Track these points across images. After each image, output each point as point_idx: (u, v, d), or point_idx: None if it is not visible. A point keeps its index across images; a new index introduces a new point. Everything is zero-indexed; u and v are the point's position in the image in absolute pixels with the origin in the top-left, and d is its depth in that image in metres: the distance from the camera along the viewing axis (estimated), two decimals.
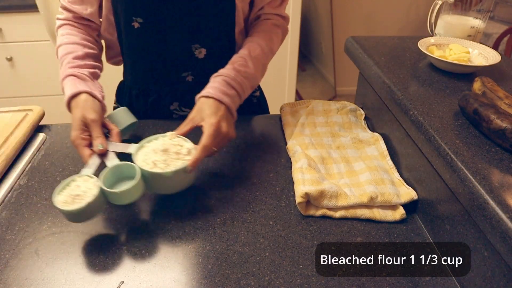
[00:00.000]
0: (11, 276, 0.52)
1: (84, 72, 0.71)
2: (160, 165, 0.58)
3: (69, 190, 0.56)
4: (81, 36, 0.77)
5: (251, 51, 0.75)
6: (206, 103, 0.66)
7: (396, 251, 0.56)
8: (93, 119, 0.63)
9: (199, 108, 0.66)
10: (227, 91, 0.69)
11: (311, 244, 0.57)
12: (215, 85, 0.69)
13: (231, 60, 0.74)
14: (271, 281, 0.52)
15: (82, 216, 0.54)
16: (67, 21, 0.79)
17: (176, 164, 0.59)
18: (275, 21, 0.82)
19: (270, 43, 0.79)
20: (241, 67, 0.73)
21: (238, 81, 0.71)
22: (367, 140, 0.77)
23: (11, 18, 1.81)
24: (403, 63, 0.80)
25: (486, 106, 0.56)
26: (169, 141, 0.62)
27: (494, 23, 2.27)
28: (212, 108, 0.65)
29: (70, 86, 0.68)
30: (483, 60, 0.75)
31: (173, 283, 0.51)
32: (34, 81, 2.00)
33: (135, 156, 0.61)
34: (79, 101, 0.66)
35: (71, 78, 0.70)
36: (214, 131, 0.62)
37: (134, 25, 0.74)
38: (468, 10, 0.88)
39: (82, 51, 0.74)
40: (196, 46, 0.77)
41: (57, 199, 0.54)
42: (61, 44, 0.76)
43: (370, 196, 0.62)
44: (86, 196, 0.54)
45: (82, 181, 0.57)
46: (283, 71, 2.02)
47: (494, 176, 0.47)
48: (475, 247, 0.49)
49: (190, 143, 0.62)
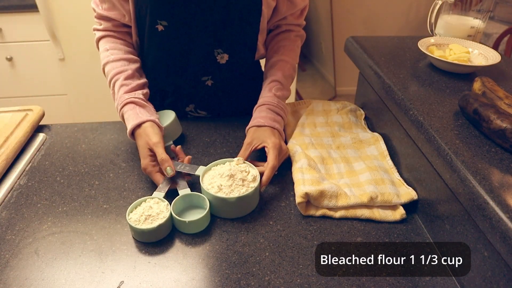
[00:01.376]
0: (11, 276, 0.52)
1: (140, 97, 0.73)
2: (225, 190, 0.60)
3: (141, 209, 0.59)
4: (124, 49, 0.77)
5: (284, 72, 0.79)
6: (261, 130, 0.71)
7: (396, 251, 0.56)
8: (155, 142, 0.65)
9: (255, 135, 0.71)
10: (275, 118, 0.74)
11: (311, 244, 0.57)
12: (262, 114, 0.74)
13: (269, 85, 0.78)
14: (271, 281, 0.51)
15: (150, 236, 0.57)
16: (107, 32, 0.78)
17: (241, 190, 0.61)
18: (296, 32, 0.84)
19: (296, 58, 0.84)
20: (279, 91, 0.77)
21: (280, 106, 0.76)
22: (367, 140, 0.77)
23: (11, 18, 1.81)
24: (403, 63, 0.80)
25: (486, 106, 0.56)
26: (236, 167, 0.64)
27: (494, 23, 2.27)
28: (268, 132, 0.71)
29: (133, 116, 0.69)
30: (483, 60, 0.75)
31: (173, 283, 0.51)
32: (34, 81, 2.00)
33: (202, 178, 0.63)
34: (142, 130, 0.68)
35: (131, 106, 0.71)
36: (278, 151, 0.68)
37: (158, 28, 0.73)
38: (468, 10, 0.87)
39: (131, 69, 0.75)
40: (219, 51, 0.77)
41: (130, 217, 0.57)
42: (108, 62, 0.76)
43: (370, 196, 0.62)
44: (158, 218, 0.57)
45: (153, 202, 0.60)
46: None
47: (494, 176, 0.47)
48: (475, 247, 0.49)
49: (256, 169, 0.65)
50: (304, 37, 0.87)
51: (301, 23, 0.85)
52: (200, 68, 0.80)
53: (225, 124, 0.86)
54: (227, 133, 0.83)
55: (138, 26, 0.76)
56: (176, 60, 0.79)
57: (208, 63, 0.79)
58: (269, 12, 0.77)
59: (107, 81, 0.76)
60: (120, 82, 0.73)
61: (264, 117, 0.73)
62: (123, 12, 0.75)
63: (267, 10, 0.76)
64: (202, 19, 0.73)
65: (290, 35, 0.83)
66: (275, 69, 0.79)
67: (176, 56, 0.78)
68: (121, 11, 0.75)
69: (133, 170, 0.72)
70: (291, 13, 0.80)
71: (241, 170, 0.63)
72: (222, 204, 0.60)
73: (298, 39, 0.85)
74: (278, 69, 0.79)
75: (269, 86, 0.78)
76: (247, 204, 0.62)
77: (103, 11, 0.76)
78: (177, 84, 0.83)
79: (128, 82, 0.73)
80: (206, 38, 0.75)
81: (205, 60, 0.78)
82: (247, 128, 0.74)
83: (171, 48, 0.77)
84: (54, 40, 1.78)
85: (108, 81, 0.75)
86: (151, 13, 0.72)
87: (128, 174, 0.71)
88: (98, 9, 0.77)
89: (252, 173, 0.64)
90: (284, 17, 0.80)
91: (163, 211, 0.58)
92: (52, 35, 1.76)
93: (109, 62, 0.75)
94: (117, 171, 0.72)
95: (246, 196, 0.60)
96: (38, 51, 1.91)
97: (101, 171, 0.72)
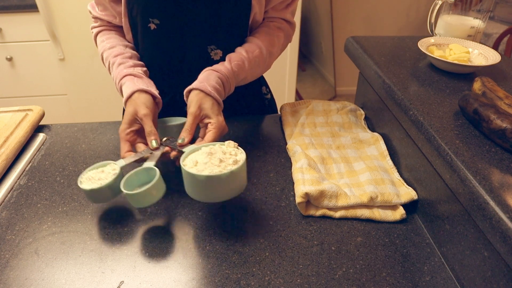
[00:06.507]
0: (11, 276, 0.52)
1: (139, 71, 0.73)
2: (199, 167, 0.55)
3: (96, 171, 0.60)
4: (120, 38, 0.79)
5: (249, 53, 0.75)
6: (207, 101, 0.66)
7: (396, 251, 0.57)
8: (145, 114, 0.63)
9: (202, 106, 0.65)
10: (221, 91, 0.69)
11: (311, 244, 0.57)
12: (211, 82, 0.68)
13: (231, 57, 0.73)
14: (271, 281, 0.52)
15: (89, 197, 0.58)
16: (102, 27, 0.80)
17: (214, 170, 0.54)
18: (278, 23, 0.81)
19: (270, 47, 0.78)
20: (237, 68, 0.73)
21: (230, 82, 0.72)
22: (367, 140, 0.77)
23: (11, 18, 1.81)
24: (403, 63, 0.80)
25: (486, 106, 0.56)
26: (222, 147, 0.59)
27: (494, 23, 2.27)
28: (215, 106, 0.66)
29: (129, 85, 0.68)
30: (483, 60, 0.75)
31: (173, 283, 0.51)
32: (34, 81, 2.00)
33: (186, 154, 0.59)
34: (134, 98, 0.66)
35: (129, 77, 0.70)
36: (220, 132, 0.64)
37: (151, 26, 0.74)
38: (468, 10, 0.87)
39: (128, 52, 0.76)
40: (213, 47, 0.77)
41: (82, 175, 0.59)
42: (104, 49, 0.77)
43: (370, 196, 0.62)
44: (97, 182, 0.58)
45: (111, 169, 0.60)
46: (283, 71, 2.02)
47: (494, 176, 0.47)
48: (475, 247, 0.49)
49: (244, 155, 0.57)
50: (289, 35, 0.84)
51: (285, 17, 0.81)
52: (195, 66, 0.79)
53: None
54: (228, 133, 0.83)
55: (131, 25, 0.77)
56: (170, 59, 0.79)
57: (202, 60, 0.78)
58: (260, 7, 0.76)
59: (106, 67, 0.76)
60: (118, 61, 0.73)
61: (212, 86, 0.67)
62: (114, 14, 0.77)
63: (258, 5, 0.75)
64: (193, 16, 0.73)
65: (269, 24, 0.81)
66: (242, 48, 0.76)
67: (170, 55, 0.78)
68: (112, 12, 0.77)
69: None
70: (272, 6, 0.78)
71: (225, 152, 0.58)
72: (191, 181, 0.55)
73: (280, 31, 0.81)
74: (244, 49, 0.75)
75: (231, 58, 0.73)
76: (219, 188, 0.54)
77: (98, 13, 0.79)
78: (173, 83, 0.83)
79: (126, 60, 0.74)
80: (199, 34, 0.75)
81: (199, 57, 0.78)
82: (188, 88, 0.67)
83: (165, 46, 0.77)
84: (54, 40, 1.78)
85: (107, 66, 0.76)
86: (143, 12, 0.73)
87: None
88: (93, 11, 0.80)
89: (237, 158, 0.57)
90: (266, 10, 0.79)
91: (107, 178, 0.57)
92: (52, 35, 1.76)
93: (106, 49, 0.77)
94: None
95: (216, 177, 0.53)
96: (38, 51, 1.91)
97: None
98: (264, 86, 0.97)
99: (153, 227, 0.60)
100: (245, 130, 0.85)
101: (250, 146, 0.79)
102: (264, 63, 0.79)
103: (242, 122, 0.87)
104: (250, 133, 0.84)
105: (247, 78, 0.77)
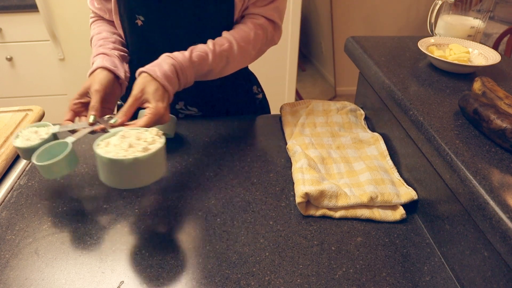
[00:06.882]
0: (11, 276, 0.52)
1: (114, 53, 0.74)
2: (109, 148, 0.52)
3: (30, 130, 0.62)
4: (110, 27, 0.83)
5: (216, 45, 0.72)
6: (152, 85, 0.63)
7: (396, 251, 0.57)
8: (96, 89, 0.64)
9: (146, 89, 0.63)
10: (172, 78, 0.66)
11: (311, 244, 0.57)
12: (163, 67, 0.66)
13: (194, 48, 0.70)
14: (271, 281, 0.52)
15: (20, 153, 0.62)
16: (97, 17, 0.85)
17: (119, 153, 0.51)
18: (257, 20, 0.77)
19: (242, 42, 0.74)
20: (198, 59, 0.69)
21: (186, 72, 0.68)
22: (367, 140, 0.77)
23: (11, 18, 1.81)
24: (403, 63, 0.80)
25: (486, 106, 0.56)
26: (144, 133, 0.56)
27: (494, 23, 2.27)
28: (159, 92, 0.63)
29: (97, 63, 0.70)
30: (483, 60, 0.75)
31: (173, 283, 0.51)
32: (34, 81, 2.00)
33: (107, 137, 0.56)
34: (95, 74, 0.67)
35: (101, 55, 0.72)
36: (156, 119, 0.61)
37: (138, 22, 0.75)
38: (468, 10, 0.87)
39: (113, 38, 0.79)
40: None
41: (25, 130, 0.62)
42: (93, 35, 0.81)
43: (370, 196, 0.62)
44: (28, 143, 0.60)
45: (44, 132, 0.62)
46: (283, 71, 2.02)
47: (494, 176, 0.47)
48: (475, 247, 0.49)
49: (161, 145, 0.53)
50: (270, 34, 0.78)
51: (265, 14, 0.76)
52: None
53: (225, 124, 0.86)
54: (227, 133, 0.83)
55: (121, 22, 0.79)
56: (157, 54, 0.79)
57: None
58: (244, 3, 0.75)
59: None
60: (100, 43, 0.77)
61: (163, 71, 0.65)
62: (105, 9, 0.80)
63: (240, 2, 0.74)
64: (177, 12, 0.74)
65: (248, 20, 0.77)
66: (211, 41, 0.72)
67: (158, 51, 0.78)
68: (103, 8, 0.80)
69: None
70: (253, 2, 0.76)
71: (141, 138, 0.54)
72: (98, 162, 0.52)
73: (259, 28, 0.76)
74: (212, 42, 0.72)
75: (194, 48, 0.70)
76: (122, 173, 0.51)
77: (93, 7, 0.84)
78: None
79: (107, 43, 0.77)
80: (183, 31, 0.75)
81: None
82: (139, 71, 0.66)
83: (152, 43, 0.78)
84: (54, 40, 1.78)
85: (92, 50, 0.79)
86: (128, 8, 0.75)
87: None
88: (91, 5, 0.84)
89: (149, 146, 0.53)
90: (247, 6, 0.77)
91: (35, 140, 0.60)
92: (52, 35, 1.76)
93: (94, 34, 0.80)
94: None
95: (119, 162, 0.49)
96: (38, 51, 1.91)
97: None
98: (256, 86, 0.96)
99: (153, 227, 0.60)
100: (245, 130, 0.85)
101: (250, 146, 0.79)
102: (234, 59, 0.74)
103: (242, 122, 0.87)
104: (250, 133, 0.84)
105: (214, 71, 0.73)
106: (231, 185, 0.68)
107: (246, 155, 0.76)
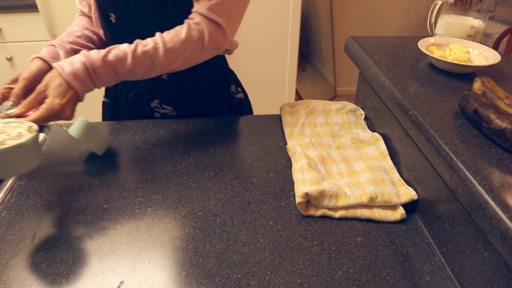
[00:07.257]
0: (11, 276, 0.52)
1: (66, 46, 0.77)
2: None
3: None
4: (87, 24, 0.85)
5: (139, 45, 0.69)
6: (56, 81, 0.63)
7: (396, 251, 0.57)
8: (23, 77, 0.67)
9: (48, 83, 0.63)
10: (82, 76, 0.64)
11: (311, 244, 0.57)
12: (75, 66, 0.64)
13: (113, 47, 0.68)
14: (271, 281, 0.52)
15: None
16: (81, 13, 0.89)
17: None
18: (195, 19, 0.71)
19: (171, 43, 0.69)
20: (115, 58, 0.67)
21: (98, 71, 0.66)
22: (367, 140, 0.77)
23: (11, 18, 1.81)
24: (403, 63, 0.80)
25: (486, 106, 0.56)
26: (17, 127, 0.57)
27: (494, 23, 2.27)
28: (61, 88, 0.63)
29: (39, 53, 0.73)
30: (483, 60, 0.75)
31: (173, 283, 0.51)
32: None
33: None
34: (31, 63, 0.71)
35: (48, 47, 0.76)
36: (49, 115, 0.62)
37: (111, 19, 0.77)
38: (468, 10, 0.87)
39: (81, 32, 0.82)
40: None
41: None
42: (68, 28, 0.84)
43: (370, 196, 0.62)
44: None
45: None
46: (283, 71, 2.02)
47: (494, 176, 0.47)
48: (475, 247, 0.49)
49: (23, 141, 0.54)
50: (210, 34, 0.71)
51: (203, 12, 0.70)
52: None
53: (224, 124, 0.86)
54: (227, 133, 0.83)
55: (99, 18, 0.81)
56: None
57: None
58: None
59: None
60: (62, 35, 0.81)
61: (72, 69, 0.63)
62: (86, 5, 0.85)
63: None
64: (142, 9, 0.75)
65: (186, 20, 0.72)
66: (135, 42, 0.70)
67: None
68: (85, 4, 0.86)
69: (133, 170, 0.72)
70: None
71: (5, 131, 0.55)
72: None
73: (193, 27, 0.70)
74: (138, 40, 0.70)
75: (111, 47, 0.68)
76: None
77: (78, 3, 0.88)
78: None
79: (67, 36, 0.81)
80: (151, 28, 0.74)
81: None
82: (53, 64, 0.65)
83: (125, 40, 0.75)
84: None
85: None
86: (100, 6, 0.78)
87: (128, 174, 0.71)
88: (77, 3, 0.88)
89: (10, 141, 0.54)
90: None
91: None
92: (52, 35, 1.76)
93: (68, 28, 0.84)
94: (117, 171, 0.72)
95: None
96: (38, 51, 1.90)
97: (101, 171, 0.72)
98: (234, 85, 0.94)
99: (153, 227, 0.60)
100: (245, 130, 0.85)
101: (250, 146, 0.79)
102: (160, 60, 0.70)
103: (242, 122, 0.87)
104: (250, 133, 0.84)
105: (137, 72, 0.70)
106: (231, 185, 0.68)
107: (246, 155, 0.76)
